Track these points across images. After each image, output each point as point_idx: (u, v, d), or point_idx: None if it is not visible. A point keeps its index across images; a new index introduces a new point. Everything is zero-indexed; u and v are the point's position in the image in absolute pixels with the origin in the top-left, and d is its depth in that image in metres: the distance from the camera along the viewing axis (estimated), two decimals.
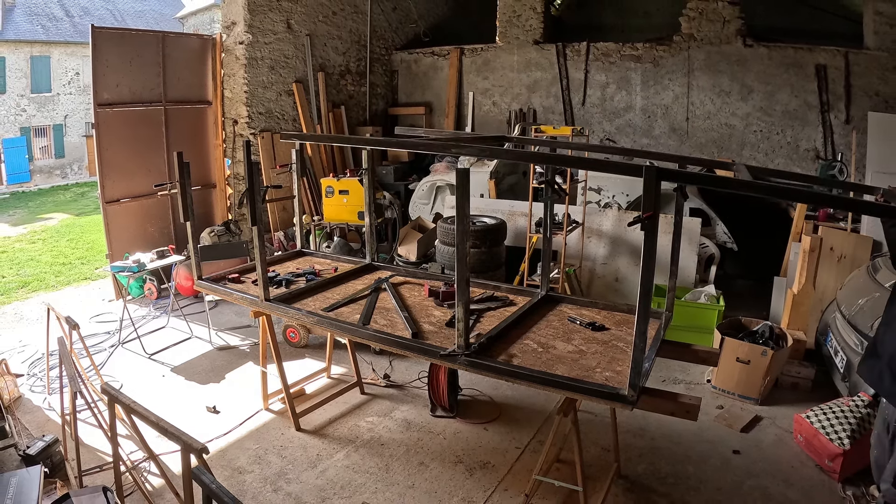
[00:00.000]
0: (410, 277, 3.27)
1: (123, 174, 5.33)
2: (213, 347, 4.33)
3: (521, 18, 7.08)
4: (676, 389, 3.55)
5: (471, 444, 3.07)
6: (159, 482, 2.65)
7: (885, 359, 1.89)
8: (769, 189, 1.98)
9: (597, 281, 4.85)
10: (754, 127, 6.00)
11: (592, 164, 3.57)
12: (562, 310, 2.73)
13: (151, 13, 20.78)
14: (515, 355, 2.24)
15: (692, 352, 2.45)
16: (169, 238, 5.70)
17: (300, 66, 6.54)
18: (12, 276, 6.67)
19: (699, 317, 4.03)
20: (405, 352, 2.52)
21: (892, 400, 1.90)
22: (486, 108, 7.45)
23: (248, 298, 2.98)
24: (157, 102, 5.53)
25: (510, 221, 4.97)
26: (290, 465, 2.89)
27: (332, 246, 5.34)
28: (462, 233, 2.08)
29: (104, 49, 5.04)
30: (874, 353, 1.96)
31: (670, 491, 2.69)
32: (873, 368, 1.94)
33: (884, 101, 5.30)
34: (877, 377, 1.92)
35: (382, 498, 2.65)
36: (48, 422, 3.28)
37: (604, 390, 1.95)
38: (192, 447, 1.94)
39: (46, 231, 9.88)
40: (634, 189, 5.13)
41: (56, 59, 17.35)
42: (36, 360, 4.05)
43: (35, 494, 2.14)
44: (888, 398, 1.93)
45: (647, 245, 1.70)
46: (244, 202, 2.77)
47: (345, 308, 2.80)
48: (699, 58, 6.11)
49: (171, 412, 3.20)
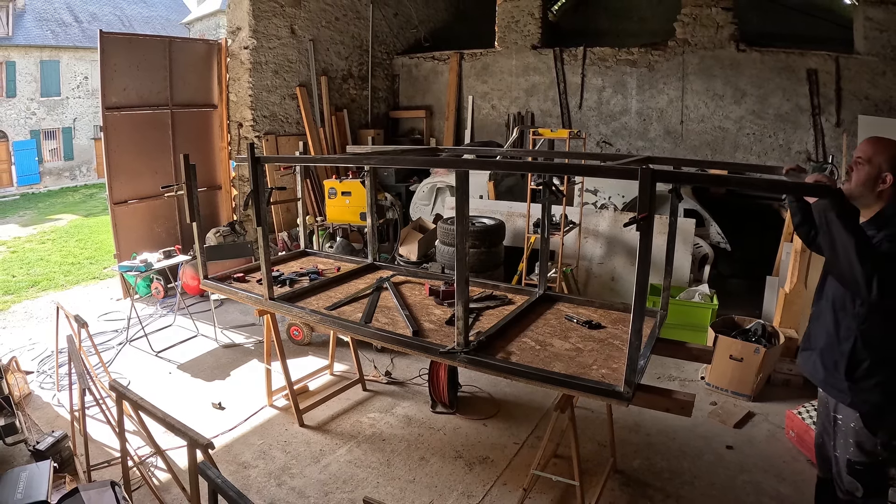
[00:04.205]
0: (411, 277, 3.30)
1: (131, 176, 5.40)
2: (218, 345, 4.37)
3: (520, 24, 7.15)
4: (671, 386, 3.61)
5: (470, 440, 3.10)
6: (166, 477, 2.68)
7: (816, 351, 1.96)
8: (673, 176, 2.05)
9: (593, 280, 4.90)
10: (747, 130, 6.07)
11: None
12: (559, 308, 2.74)
13: (158, 19, 20.91)
14: (514, 353, 2.25)
15: (686, 349, 2.45)
16: (175, 238, 5.76)
17: (303, 71, 6.61)
18: (22, 276, 6.74)
19: (693, 315, 4.06)
20: (406, 349, 2.52)
21: (827, 389, 1.95)
22: (485, 111, 7.52)
23: (252, 297, 3.01)
24: (164, 106, 5.60)
25: (509, 222, 5.02)
26: (293, 460, 2.92)
27: (334, 246, 5.39)
28: (462, 233, 2.10)
29: (112, 54, 5.11)
30: (808, 345, 2.03)
31: (665, 485, 2.72)
32: (808, 360, 2.01)
33: (874, 104, 5.37)
34: (811, 368, 1.99)
35: (384, 492, 2.67)
36: (57, 418, 3.31)
37: (600, 387, 1.96)
38: (198, 442, 1.95)
39: (56, 231, 9.95)
40: (630, 190, 5.19)
41: (65, 63, 17.48)
42: (45, 358, 4.10)
43: (44, 489, 2.17)
44: (823, 388, 1.99)
45: (643, 245, 1.71)
46: (249, 203, 2.78)
47: (347, 307, 2.82)
48: (693, 62, 6.18)
49: (178, 408, 3.26)
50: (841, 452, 1.95)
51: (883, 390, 1.80)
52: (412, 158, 3.23)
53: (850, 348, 1.82)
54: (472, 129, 7.53)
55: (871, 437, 1.85)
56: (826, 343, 1.92)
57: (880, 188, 1.76)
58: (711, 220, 5.11)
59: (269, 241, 2.97)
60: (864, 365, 1.81)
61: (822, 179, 1.73)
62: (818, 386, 2.04)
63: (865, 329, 1.79)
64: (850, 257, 1.60)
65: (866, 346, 1.80)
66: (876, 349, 1.79)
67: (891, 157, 1.75)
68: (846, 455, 1.92)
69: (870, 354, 1.80)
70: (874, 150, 1.77)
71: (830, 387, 1.93)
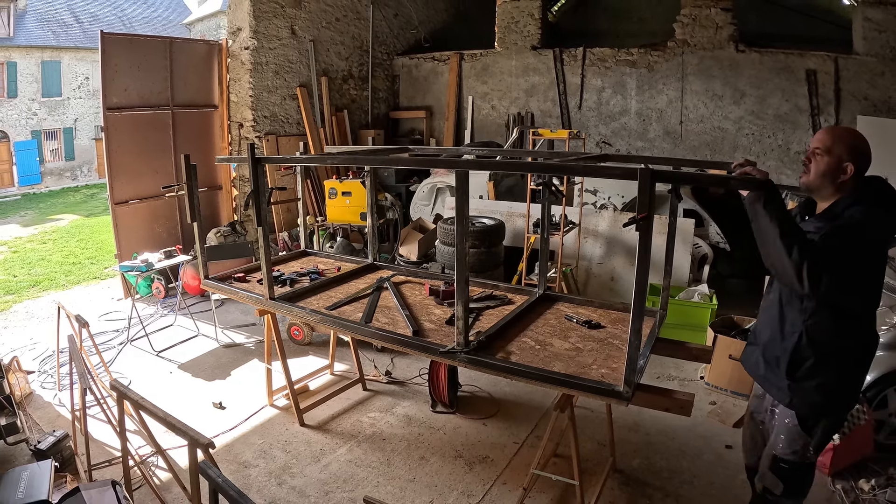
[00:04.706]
0: (411, 277, 3.31)
1: (132, 176, 5.41)
2: (219, 345, 4.38)
3: (519, 24, 7.17)
4: (670, 386, 3.60)
5: (470, 439, 3.11)
6: (167, 476, 2.68)
7: (759, 346, 1.90)
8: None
9: (593, 280, 4.91)
10: (746, 130, 6.08)
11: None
12: (559, 308, 2.74)
13: (159, 19, 20.94)
14: (513, 352, 2.25)
15: (686, 349, 2.45)
16: (176, 238, 5.77)
17: (304, 71, 6.62)
18: (24, 276, 6.75)
19: (693, 315, 4.06)
20: (406, 349, 2.53)
21: (766, 387, 1.89)
22: (485, 111, 7.53)
23: (253, 297, 3.01)
24: (165, 106, 5.62)
25: (508, 222, 5.03)
26: (294, 459, 2.93)
27: (335, 246, 5.41)
28: (462, 233, 2.10)
29: (113, 54, 5.13)
30: (753, 341, 1.97)
31: (665, 485, 2.72)
32: (751, 356, 1.95)
33: (872, 104, 5.38)
34: (753, 364, 1.93)
35: (384, 491, 2.68)
36: (59, 417, 3.32)
37: (600, 387, 1.95)
38: (198, 442, 1.96)
39: (57, 231, 9.96)
40: (629, 191, 5.20)
41: (66, 63, 17.50)
42: (47, 358, 4.11)
43: (46, 488, 2.18)
44: (762, 385, 1.93)
45: (642, 245, 1.70)
46: (249, 204, 2.78)
47: (347, 306, 2.83)
48: (692, 63, 6.19)
49: (179, 408, 3.26)
50: (769, 447, 1.89)
51: (824, 392, 1.72)
52: (375, 158, 3.26)
53: (794, 345, 1.74)
54: (472, 130, 7.55)
55: (805, 437, 1.78)
56: (769, 338, 1.84)
57: (841, 179, 1.68)
58: (711, 220, 5.12)
59: (269, 241, 2.99)
60: (807, 364, 1.72)
61: (748, 171, 1.67)
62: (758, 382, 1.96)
63: (811, 325, 1.71)
64: (778, 248, 1.55)
65: (811, 344, 1.71)
66: (820, 348, 1.70)
67: (850, 146, 1.67)
68: (773, 451, 1.86)
69: (814, 353, 1.71)
70: (833, 140, 1.69)
71: (770, 384, 1.86)
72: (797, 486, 1.88)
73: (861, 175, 1.69)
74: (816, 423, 1.78)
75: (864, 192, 1.68)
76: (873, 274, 1.69)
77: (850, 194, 1.69)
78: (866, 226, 1.60)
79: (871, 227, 1.61)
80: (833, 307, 1.68)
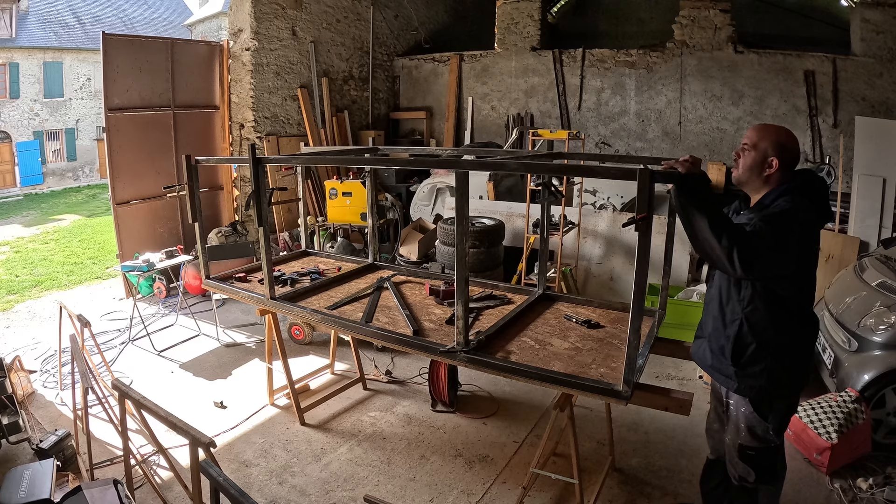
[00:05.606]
0: (412, 277, 3.32)
1: (133, 176, 5.43)
2: (220, 345, 4.40)
3: (519, 26, 7.19)
4: (669, 385, 3.63)
5: (470, 438, 3.12)
6: (168, 475, 2.69)
7: (706, 338, 1.96)
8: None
9: (592, 280, 4.93)
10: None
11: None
12: (558, 308, 2.75)
13: (161, 20, 20.99)
14: (513, 352, 2.26)
15: (685, 349, 2.42)
16: (177, 238, 5.79)
17: (305, 72, 6.64)
18: (26, 276, 6.76)
19: (692, 315, 4.04)
20: (406, 349, 2.54)
21: (714, 375, 1.95)
22: (484, 112, 7.55)
23: (254, 297, 3.03)
24: (166, 107, 5.63)
25: (508, 222, 5.05)
26: (294, 458, 2.94)
27: (335, 246, 5.42)
28: (462, 233, 2.12)
29: (115, 55, 5.14)
30: (700, 334, 2.03)
31: (663, 484, 2.73)
32: (699, 348, 2.01)
33: (870, 105, 5.39)
34: (701, 355, 1.99)
35: (384, 490, 2.69)
36: (60, 416, 3.33)
37: (599, 386, 1.96)
38: (199, 441, 1.97)
39: (59, 232, 9.99)
40: (629, 191, 5.22)
41: (68, 65, 17.56)
42: (49, 357, 4.13)
43: (48, 487, 2.20)
44: (710, 374, 1.99)
45: (641, 245, 1.72)
46: (250, 204, 2.80)
47: (348, 306, 2.84)
48: (691, 64, 6.21)
49: (180, 407, 3.28)
50: (732, 438, 1.93)
51: (769, 376, 1.78)
52: (347, 158, 3.31)
53: (736, 332, 1.80)
54: (471, 130, 7.56)
55: (762, 422, 1.83)
56: (713, 328, 1.91)
57: (767, 173, 1.78)
58: None
59: (270, 241, 2.98)
60: (749, 350, 1.79)
61: (672, 165, 1.73)
62: (706, 372, 2.03)
63: (749, 312, 1.77)
64: (707, 235, 1.60)
65: (752, 331, 1.78)
66: (760, 333, 1.77)
67: (775, 142, 1.77)
68: (738, 440, 1.90)
69: (755, 338, 1.78)
70: (759, 136, 1.79)
71: (718, 372, 1.91)
72: (769, 471, 1.92)
73: (788, 169, 1.79)
74: (770, 407, 1.84)
75: (791, 184, 1.76)
76: (803, 258, 1.75)
77: (777, 186, 1.78)
78: (791, 213, 1.68)
79: (796, 214, 1.68)
80: (768, 293, 1.75)
